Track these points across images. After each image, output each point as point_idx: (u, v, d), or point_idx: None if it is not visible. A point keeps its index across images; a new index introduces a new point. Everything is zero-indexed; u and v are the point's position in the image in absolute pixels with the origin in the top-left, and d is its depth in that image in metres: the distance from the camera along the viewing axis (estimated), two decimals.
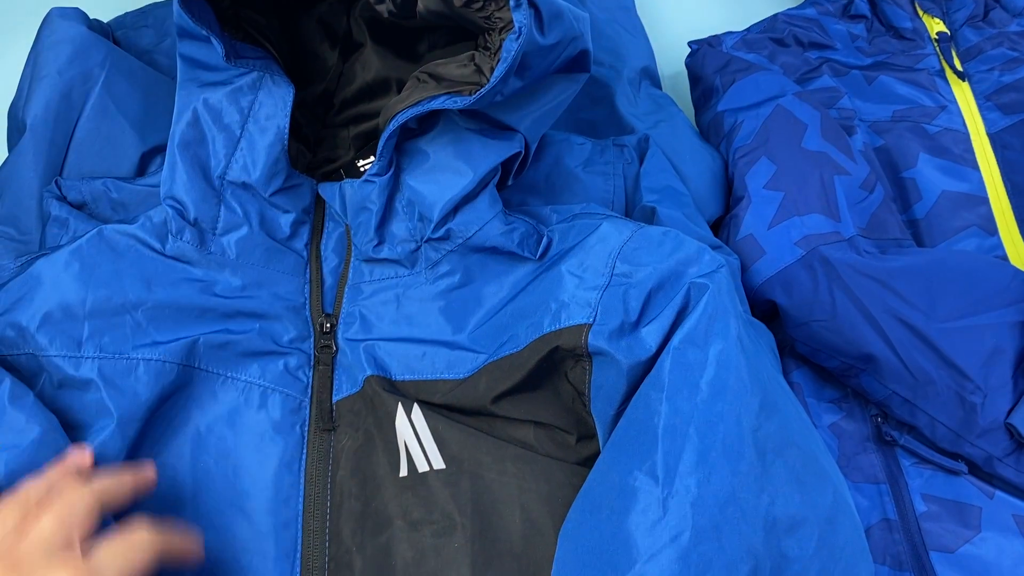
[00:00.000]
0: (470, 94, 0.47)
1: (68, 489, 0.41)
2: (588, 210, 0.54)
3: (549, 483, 0.48)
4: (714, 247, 0.57)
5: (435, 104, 0.47)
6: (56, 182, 0.59)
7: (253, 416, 0.51)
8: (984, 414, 0.55)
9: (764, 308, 0.59)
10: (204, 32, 0.48)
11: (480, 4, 0.45)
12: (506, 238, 0.52)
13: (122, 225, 0.53)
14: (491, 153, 0.51)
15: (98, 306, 0.49)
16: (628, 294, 0.47)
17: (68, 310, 0.49)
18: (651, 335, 0.45)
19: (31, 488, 0.42)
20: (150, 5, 0.73)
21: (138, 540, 0.41)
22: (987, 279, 0.58)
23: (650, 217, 0.56)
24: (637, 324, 0.46)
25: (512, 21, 0.43)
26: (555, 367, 0.48)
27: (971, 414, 0.55)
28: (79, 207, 0.58)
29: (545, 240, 0.52)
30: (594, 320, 0.46)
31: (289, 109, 0.52)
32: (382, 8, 0.49)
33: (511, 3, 0.43)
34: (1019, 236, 0.65)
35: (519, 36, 0.43)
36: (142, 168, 0.62)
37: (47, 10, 0.64)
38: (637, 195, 0.58)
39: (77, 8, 0.64)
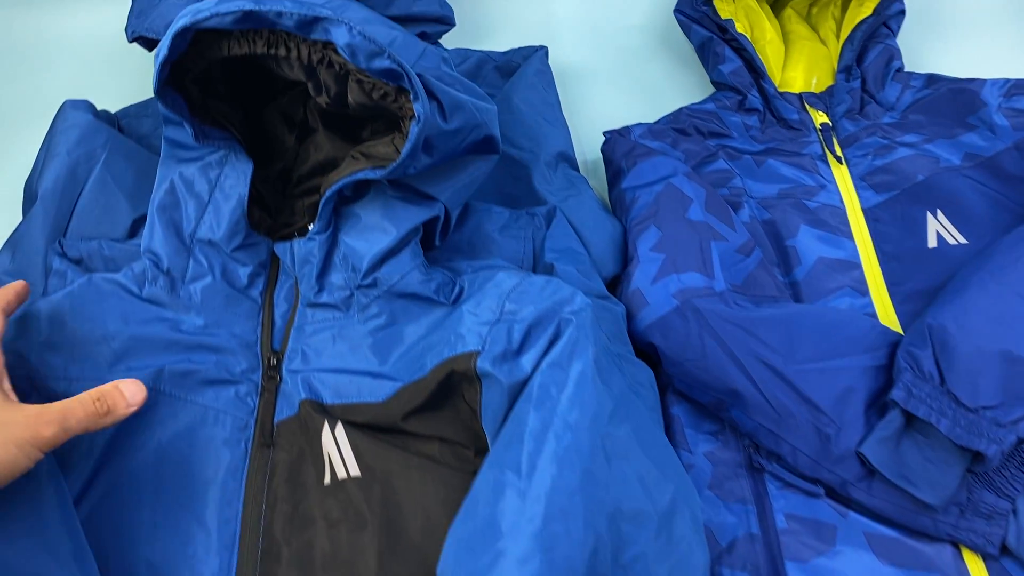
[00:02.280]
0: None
1: None
2: (493, 264, 0.65)
3: (447, 488, 0.57)
4: (602, 297, 0.67)
5: (360, 175, 0.59)
6: (59, 241, 0.70)
7: (206, 432, 0.60)
8: (838, 444, 0.64)
9: (648, 351, 0.68)
10: (178, 117, 0.60)
11: (393, 97, 0.56)
12: (424, 286, 0.62)
13: (109, 274, 0.64)
14: (412, 216, 0.62)
15: (82, 336, 0.60)
16: (512, 328, 0.57)
17: (57, 340, 0.59)
18: (527, 360, 0.55)
19: None
20: (151, 98, 0.86)
21: None
22: (845, 329, 0.68)
23: (550, 271, 0.67)
24: (518, 352, 0.56)
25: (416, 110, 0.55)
26: (453, 388, 0.58)
27: (826, 444, 0.64)
28: (76, 262, 0.69)
29: (457, 288, 0.63)
30: (483, 348, 0.56)
31: (248, 180, 0.63)
32: (321, 99, 0.61)
33: (411, 96, 0.54)
34: (887, 297, 0.75)
35: (420, 121, 0.55)
36: (132, 231, 0.73)
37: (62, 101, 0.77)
38: (542, 255, 0.68)
39: (86, 100, 0.77)
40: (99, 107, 0.80)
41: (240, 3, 0.53)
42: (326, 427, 0.59)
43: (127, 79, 0.93)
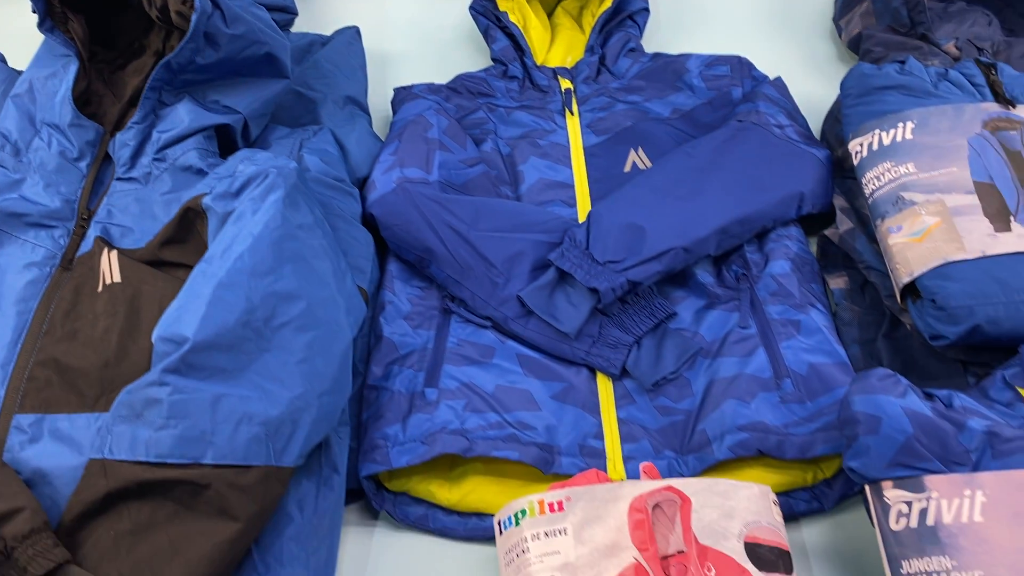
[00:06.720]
0: None
1: None
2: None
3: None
4: (340, 180, 0.89)
5: (160, 64, 0.82)
6: None
7: (25, 257, 0.82)
8: (504, 290, 0.84)
9: (372, 222, 0.89)
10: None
11: (191, 5, 0.80)
12: (200, 161, 0.84)
13: None
14: (208, 119, 0.85)
15: None
16: (235, 178, 0.78)
17: None
18: (240, 201, 0.76)
19: None
20: None
21: None
22: (529, 216, 0.89)
23: (300, 160, 0.88)
24: (236, 195, 0.77)
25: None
26: (191, 223, 0.79)
27: (495, 290, 0.84)
28: None
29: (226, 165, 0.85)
30: (211, 191, 0.78)
31: (72, 78, 0.86)
32: (152, 12, 0.85)
33: None
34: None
35: (197, 12, 0.78)
36: None
37: None
38: (301, 151, 0.90)
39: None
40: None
41: None
42: (105, 252, 0.80)
43: None
